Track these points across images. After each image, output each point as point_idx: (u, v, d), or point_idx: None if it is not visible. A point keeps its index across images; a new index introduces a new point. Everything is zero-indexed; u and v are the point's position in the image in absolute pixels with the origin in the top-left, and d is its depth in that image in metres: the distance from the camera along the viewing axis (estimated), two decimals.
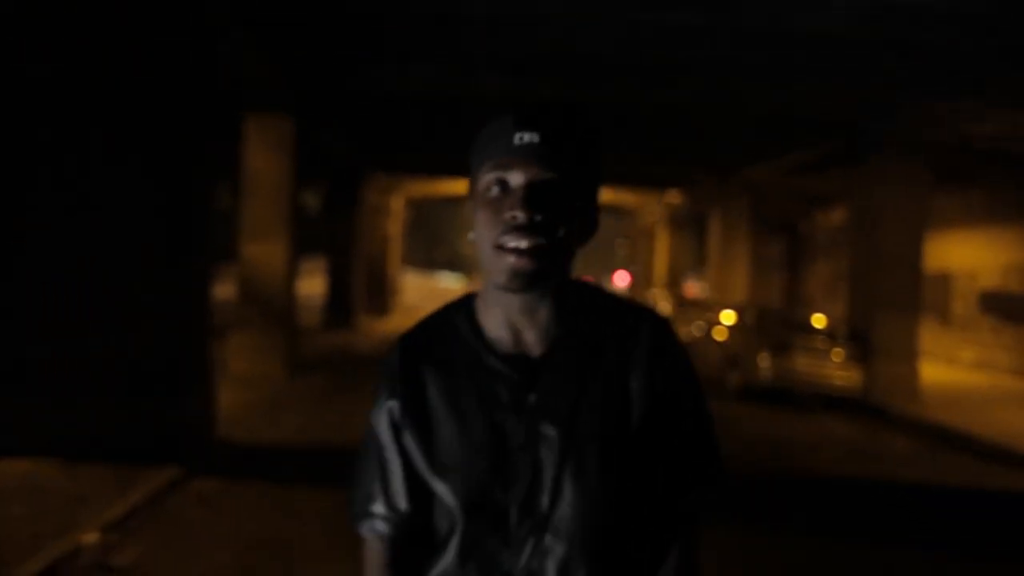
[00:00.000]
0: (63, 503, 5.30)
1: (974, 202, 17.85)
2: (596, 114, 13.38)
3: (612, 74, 10.92)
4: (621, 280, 51.39)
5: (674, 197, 24.68)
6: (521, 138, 1.16)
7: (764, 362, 12.16)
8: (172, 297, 6.76)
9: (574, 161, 1.19)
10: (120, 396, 6.53)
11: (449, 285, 46.28)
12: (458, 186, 24.08)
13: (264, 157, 11.74)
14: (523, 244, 1.15)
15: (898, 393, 12.24)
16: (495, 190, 1.18)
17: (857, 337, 12.73)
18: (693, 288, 25.52)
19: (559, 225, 1.17)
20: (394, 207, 26.12)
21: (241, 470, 6.64)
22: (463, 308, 1.26)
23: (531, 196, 1.15)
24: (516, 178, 1.17)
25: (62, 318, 6.49)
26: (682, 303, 19.10)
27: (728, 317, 14.25)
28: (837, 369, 12.04)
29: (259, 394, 10.09)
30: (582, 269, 73.44)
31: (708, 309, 16.97)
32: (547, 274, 1.17)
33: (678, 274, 25.19)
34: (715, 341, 14.00)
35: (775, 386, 12.10)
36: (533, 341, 1.21)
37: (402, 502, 1.23)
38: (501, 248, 1.16)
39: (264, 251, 11.82)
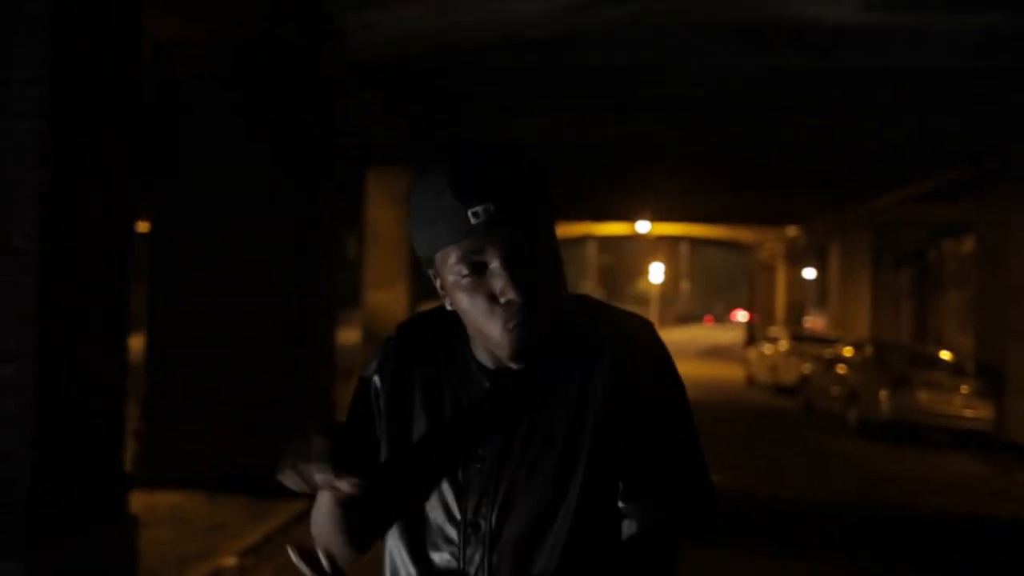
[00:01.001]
0: (205, 530, 5.87)
1: None
2: (712, 152, 13.58)
3: (726, 115, 11.11)
4: (741, 318, 50.34)
5: (793, 232, 24.27)
6: (476, 214, 1.03)
7: (884, 397, 11.86)
8: (300, 345, 7.37)
9: (537, 209, 1.07)
10: (254, 434, 7.13)
11: None
12: (564, 228, 24.60)
13: (384, 209, 12.46)
14: (521, 320, 1.06)
15: None
16: (468, 274, 1.06)
17: (987, 371, 12.23)
18: (815, 323, 24.89)
19: (548, 285, 1.08)
20: None
21: None
22: (456, 319, 1.15)
23: (516, 273, 1.05)
24: (492, 258, 1.05)
25: (206, 362, 7.18)
26: (798, 338, 18.69)
27: (847, 352, 13.96)
28: (965, 404, 11.61)
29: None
30: (705, 308, 71.89)
31: (827, 344, 16.61)
32: (547, 336, 1.09)
33: (798, 309, 24.66)
34: (834, 376, 13.72)
35: (896, 421, 11.76)
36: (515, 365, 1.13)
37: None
38: (505, 330, 1.06)
39: (386, 297, 12.47)
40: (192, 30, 6.79)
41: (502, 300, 1.06)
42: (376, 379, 1.20)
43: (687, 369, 27.88)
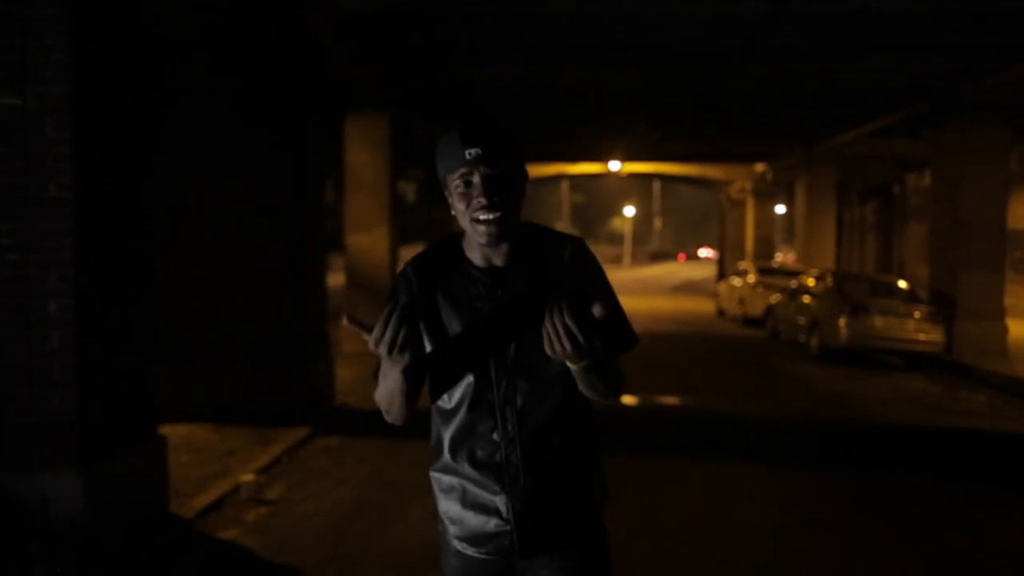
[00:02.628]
0: (218, 455, 6.41)
1: None
2: (680, 97, 13.96)
3: (693, 61, 11.47)
4: (706, 254, 50.69)
5: (760, 168, 24.80)
6: (470, 153, 1.74)
7: (842, 323, 12.55)
8: (296, 285, 7.84)
9: (506, 156, 1.77)
10: (256, 370, 7.65)
11: None
12: (537, 168, 24.92)
13: (364, 153, 12.79)
14: (489, 216, 1.75)
15: (983, 351, 12.44)
16: (462, 186, 1.76)
17: (939, 298, 12.96)
18: (784, 257, 25.61)
19: (507, 199, 1.77)
20: None
21: (357, 429, 7.65)
22: (453, 244, 1.88)
23: (488, 187, 1.75)
24: (475, 177, 1.76)
25: (210, 305, 7.64)
26: (765, 271, 19.37)
27: (810, 282, 14.64)
28: (918, 329, 12.33)
29: (370, 369, 11.19)
30: (678, 245, 72.22)
31: (793, 276, 17.30)
32: (507, 231, 1.78)
33: (767, 244, 25.34)
34: (798, 306, 14.42)
35: (854, 347, 12.48)
36: (499, 262, 1.83)
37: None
38: (476, 221, 1.76)
39: (368, 240, 12.89)
40: None
41: (475, 202, 1.77)
42: (405, 300, 1.83)
43: (661, 304, 28.33)
